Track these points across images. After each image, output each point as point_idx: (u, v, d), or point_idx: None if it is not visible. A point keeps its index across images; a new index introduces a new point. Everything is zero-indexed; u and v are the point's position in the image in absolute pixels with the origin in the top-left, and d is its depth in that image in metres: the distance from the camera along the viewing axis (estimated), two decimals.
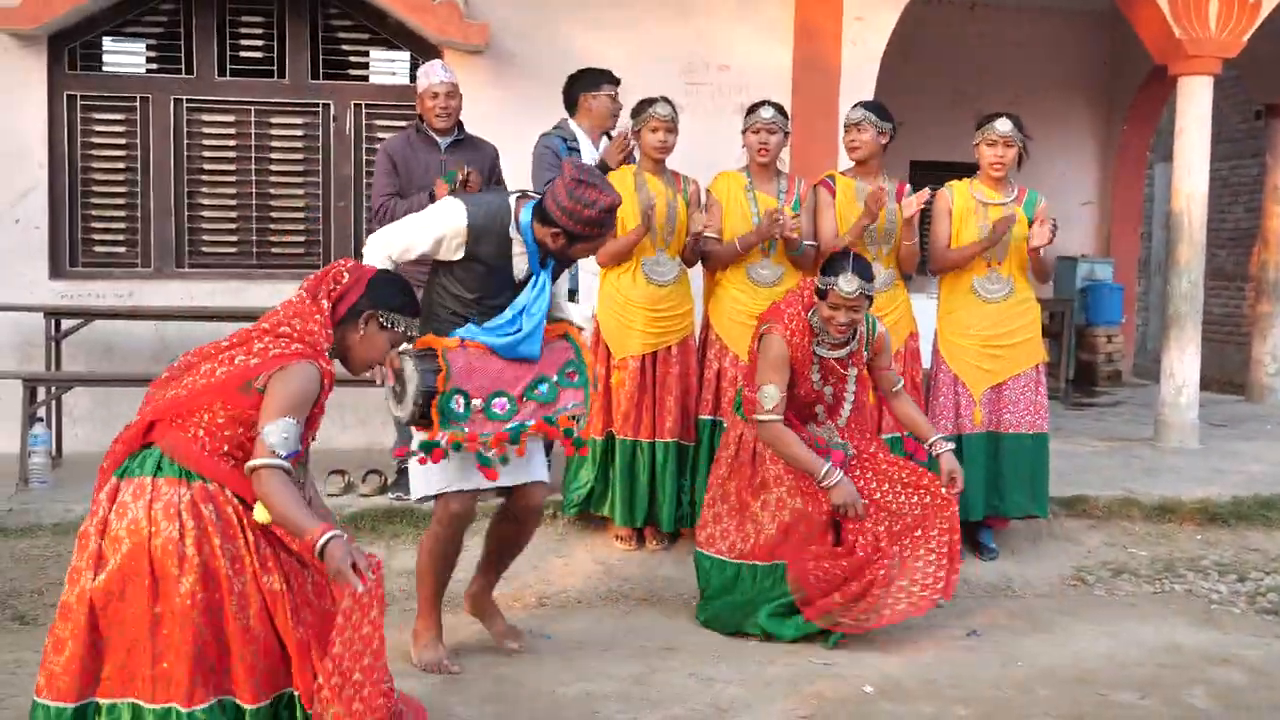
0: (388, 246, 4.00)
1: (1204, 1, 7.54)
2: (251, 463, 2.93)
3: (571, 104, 5.79)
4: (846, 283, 4.36)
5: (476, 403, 3.89)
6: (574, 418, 4.13)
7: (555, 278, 4.20)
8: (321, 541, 2.82)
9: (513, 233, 4.02)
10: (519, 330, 4.00)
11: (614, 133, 5.70)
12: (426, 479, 4.07)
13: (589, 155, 5.60)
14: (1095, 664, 4.43)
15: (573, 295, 5.74)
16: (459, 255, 4.00)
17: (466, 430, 3.87)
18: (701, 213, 5.44)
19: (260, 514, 2.95)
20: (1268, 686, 4.25)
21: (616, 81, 5.79)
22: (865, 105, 5.56)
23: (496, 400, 3.93)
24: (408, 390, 3.81)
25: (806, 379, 4.59)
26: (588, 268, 5.56)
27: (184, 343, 6.95)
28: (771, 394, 4.47)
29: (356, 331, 3.26)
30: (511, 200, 4.09)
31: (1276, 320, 10.41)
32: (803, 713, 3.92)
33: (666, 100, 5.42)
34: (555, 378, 4.10)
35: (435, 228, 3.99)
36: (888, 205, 5.40)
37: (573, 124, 5.74)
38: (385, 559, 3.95)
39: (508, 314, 4.01)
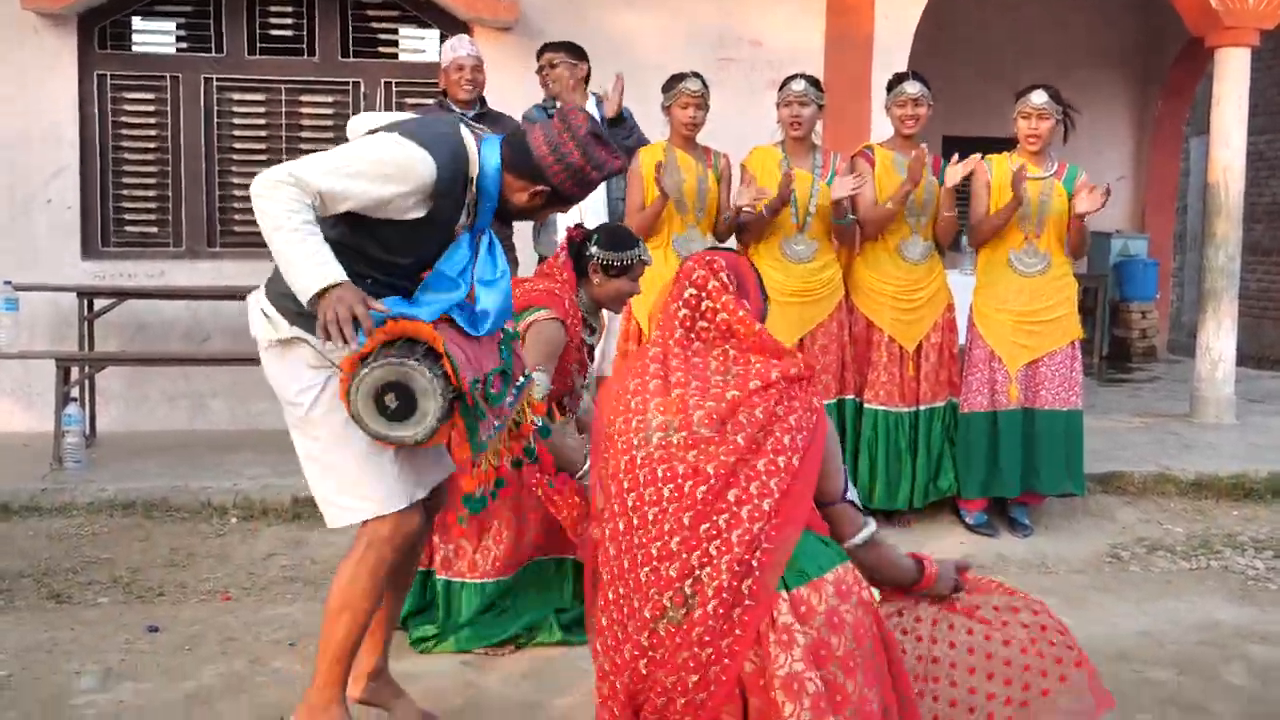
0: (310, 182, 2.86)
1: None
2: None
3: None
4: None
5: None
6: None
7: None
8: None
9: (471, 172, 3.12)
10: (468, 303, 3.12)
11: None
12: (365, 495, 3.05)
13: None
14: (1132, 641, 4.40)
15: None
16: (416, 214, 3.03)
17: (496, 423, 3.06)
18: (747, 187, 5.40)
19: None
20: None
21: (580, 55, 5.81)
22: (919, 78, 5.52)
23: (492, 379, 3.05)
24: (426, 405, 2.85)
25: (568, 368, 4.12)
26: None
27: (215, 321, 7.03)
28: (543, 382, 3.85)
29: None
30: (465, 136, 3.13)
31: None
32: None
33: (696, 76, 5.40)
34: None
35: (396, 181, 2.94)
36: (926, 177, 5.41)
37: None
38: None
39: (453, 279, 3.10)
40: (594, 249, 4.09)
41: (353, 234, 3.03)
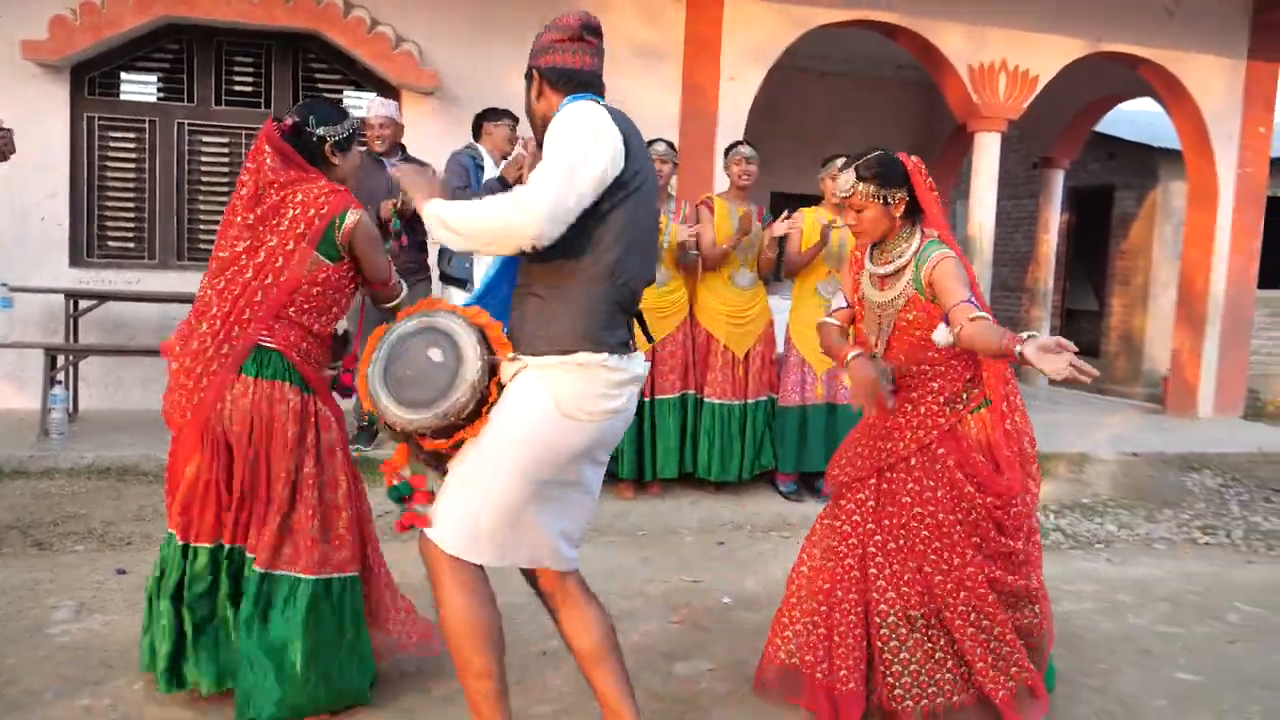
0: (556, 208, 2.13)
1: (995, 75, 7.74)
2: None
3: (477, 130, 5.71)
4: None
5: None
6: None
7: None
8: None
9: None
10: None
11: (513, 153, 5.60)
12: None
13: (490, 171, 5.51)
14: None
15: (463, 285, 5.50)
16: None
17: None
18: None
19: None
20: None
21: (516, 120, 5.71)
22: (750, 144, 5.59)
23: None
24: (461, 373, 2.04)
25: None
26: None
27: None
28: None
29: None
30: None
31: (1044, 323, 10.73)
32: (676, 619, 3.94)
33: None
34: None
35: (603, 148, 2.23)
36: (753, 226, 5.49)
37: (480, 146, 5.65)
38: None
39: None
40: (320, 130, 2.90)
41: (592, 243, 2.34)
